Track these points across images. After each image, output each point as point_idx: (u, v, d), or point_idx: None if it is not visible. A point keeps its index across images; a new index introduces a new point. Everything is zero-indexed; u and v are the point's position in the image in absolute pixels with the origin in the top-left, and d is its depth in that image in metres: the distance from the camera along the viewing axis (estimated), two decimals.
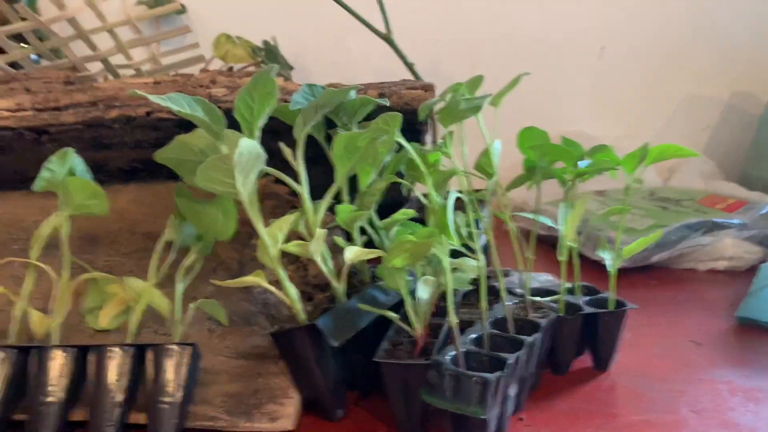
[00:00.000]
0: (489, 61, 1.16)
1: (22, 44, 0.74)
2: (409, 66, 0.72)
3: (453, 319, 0.41)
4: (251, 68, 0.90)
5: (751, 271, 0.82)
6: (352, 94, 0.52)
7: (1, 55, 0.68)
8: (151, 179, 0.66)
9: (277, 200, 0.66)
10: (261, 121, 0.45)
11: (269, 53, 0.90)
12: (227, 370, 0.48)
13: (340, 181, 0.49)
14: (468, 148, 0.51)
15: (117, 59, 0.71)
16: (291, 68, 0.95)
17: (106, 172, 0.66)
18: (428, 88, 0.62)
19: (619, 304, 0.54)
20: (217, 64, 0.98)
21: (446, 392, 0.39)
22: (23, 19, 0.65)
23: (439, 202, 0.41)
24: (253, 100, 0.45)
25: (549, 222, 0.56)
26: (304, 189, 0.49)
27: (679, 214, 0.84)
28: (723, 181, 1.06)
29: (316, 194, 0.51)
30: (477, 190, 0.52)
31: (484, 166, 0.48)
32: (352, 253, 0.47)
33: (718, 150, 1.20)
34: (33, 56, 0.78)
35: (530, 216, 0.56)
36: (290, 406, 0.46)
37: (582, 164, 0.53)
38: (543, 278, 0.70)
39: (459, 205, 0.45)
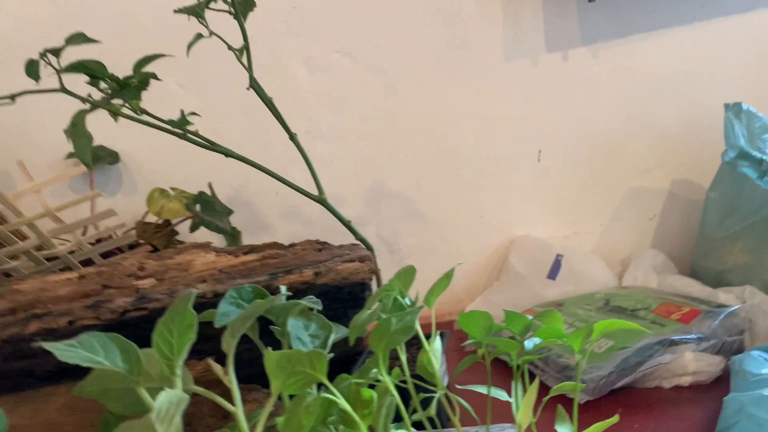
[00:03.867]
0: (433, 176, 1.16)
1: None
2: (346, 224, 0.71)
3: None
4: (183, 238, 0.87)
5: (717, 383, 0.81)
6: (282, 299, 0.49)
7: None
8: (84, 377, 0.62)
9: (219, 387, 0.62)
10: (181, 359, 0.43)
11: (205, 204, 0.88)
12: None
13: (275, 395, 0.46)
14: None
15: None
16: (230, 213, 0.93)
17: (34, 376, 0.62)
18: (365, 259, 0.60)
19: None
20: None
21: None
22: None
23: None
24: (171, 335, 0.43)
25: (504, 396, 0.53)
26: (238, 410, 0.46)
27: (636, 329, 0.83)
28: (676, 276, 1.06)
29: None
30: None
31: (425, 366, 0.46)
32: None
33: (668, 239, 1.21)
34: None
35: (483, 391, 0.54)
36: None
37: (528, 345, 0.51)
38: None
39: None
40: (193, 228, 0.89)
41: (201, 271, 0.64)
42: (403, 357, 0.43)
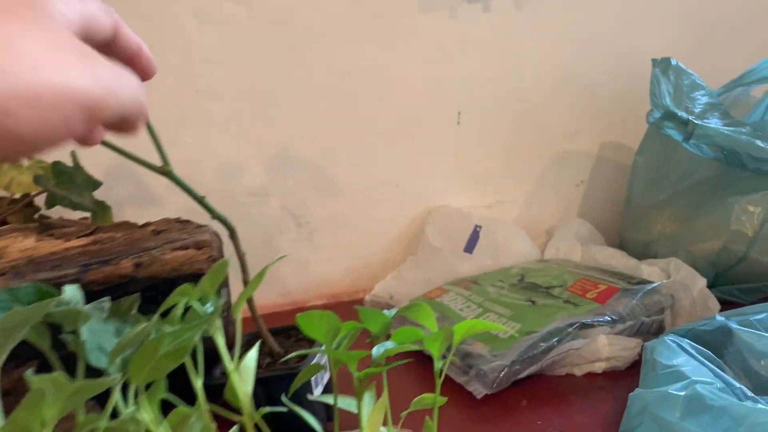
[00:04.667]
0: (344, 142, 1.06)
1: None
2: (199, 200, 0.60)
3: None
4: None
5: (633, 368, 0.74)
6: (74, 301, 0.39)
7: None
8: None
9: None
10: None
11: (61, 176, 0.76)
12: None
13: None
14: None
15: None
16: (95, 185, 0.81)
17: None
18: (202, 245, 0.49)
19: None
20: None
21: None
22: None
23: None
24: None
25: (353, 406, 0.44)
26: None
27: (547, 312, 0.75)
28: (600, 247, 0.99)
29: None
30: None
31: (231, 397, 0.36)
32: None
33: (596, 207, 1.13)
34: None
35: (326, 401, 0.44)
36: None
37: (376, 352, 0.41)
38: None
39: None
40: (49, 203, 0.77)
41: (14, 260, 0.53)
42: (198, 383, 0.34)
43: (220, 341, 0.34)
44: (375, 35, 1.03)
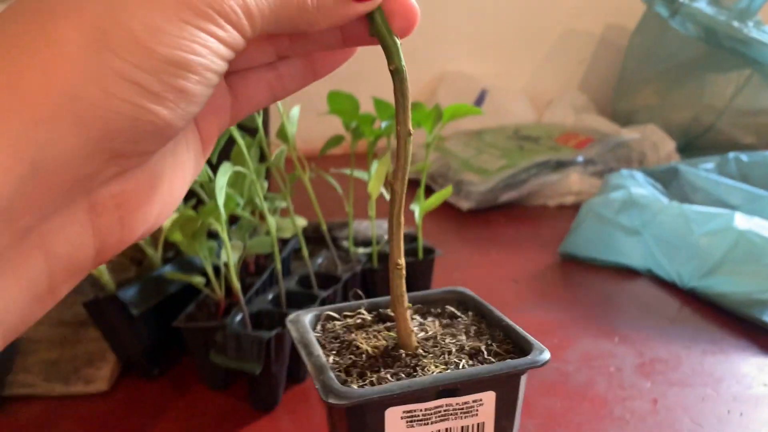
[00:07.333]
0: None
1: None
2: None
3: (235, 284, 0.44)
4: None
5: None
6: None
7: None
8: None
9: None
10: None
11: None
12: (48, 338, 0.51)
13: None
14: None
15: None
16: None
17: None
18: None
19: (429, 251, 0.59)
20: None
21: (229, 351, 0.43)
22: None
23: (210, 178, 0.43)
24: None
25: (366, 175, 0.59)
26: None
27: (532, 153, 0.89)
28: (591, 115, 1.11)
29: None
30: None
31: (284, 132, 0.50)
32: (169, 221, 0.50)
33: (593, 83, 1.25)
34: None
35: (347, 172, 0.59)
36: (106, 369, 0.49)
37: (383, 125, 0.55)
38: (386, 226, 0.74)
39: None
40: None
41: None
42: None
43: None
44: None
